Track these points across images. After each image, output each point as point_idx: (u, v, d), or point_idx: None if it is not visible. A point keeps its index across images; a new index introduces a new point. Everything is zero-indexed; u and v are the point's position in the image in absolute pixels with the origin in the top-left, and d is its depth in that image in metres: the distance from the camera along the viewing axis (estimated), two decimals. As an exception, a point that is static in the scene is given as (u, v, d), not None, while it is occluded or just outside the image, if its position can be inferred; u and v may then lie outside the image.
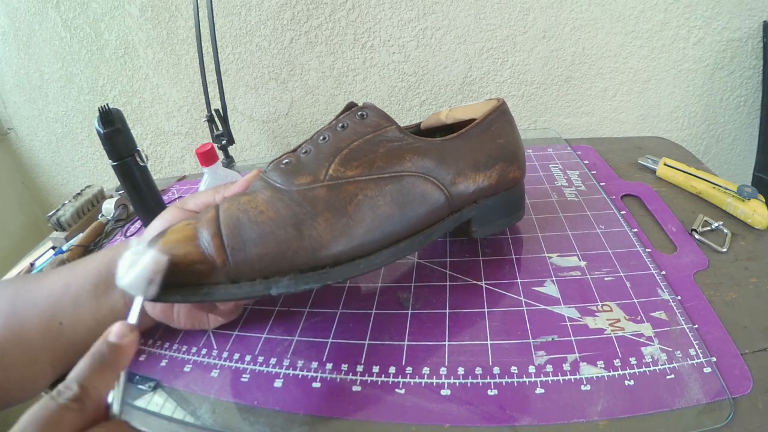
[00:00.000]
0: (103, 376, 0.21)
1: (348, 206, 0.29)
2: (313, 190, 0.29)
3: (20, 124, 0.97)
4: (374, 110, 0.33)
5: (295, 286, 0.27)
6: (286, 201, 0.28)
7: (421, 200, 0.32)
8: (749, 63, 0.70)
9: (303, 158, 0.31)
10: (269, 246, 0.27)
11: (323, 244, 0.28)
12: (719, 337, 0.30)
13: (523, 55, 0.73)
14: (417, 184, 0.32)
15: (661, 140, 0.58)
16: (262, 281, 0.27)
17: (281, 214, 0.28)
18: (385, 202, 0.30)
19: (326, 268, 0.28)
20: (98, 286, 0.33)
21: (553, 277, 0.36)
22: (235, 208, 0.28)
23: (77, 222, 0.60)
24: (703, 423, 0.25)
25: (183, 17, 0.77)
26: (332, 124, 0.32)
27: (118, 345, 0.23)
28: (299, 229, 0.28)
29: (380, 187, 0.30)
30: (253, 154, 0.90)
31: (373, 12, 0.72)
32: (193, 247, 0.27)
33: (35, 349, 0.31)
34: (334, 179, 0.29)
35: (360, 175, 0.30)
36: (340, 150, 0.31)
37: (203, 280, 0.27)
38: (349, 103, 0.34)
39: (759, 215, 0.39)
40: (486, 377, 0.29)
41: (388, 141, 0.32)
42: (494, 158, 0.36)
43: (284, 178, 0.30)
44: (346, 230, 0.29)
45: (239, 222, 0.27)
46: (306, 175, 0.30)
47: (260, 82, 0.81)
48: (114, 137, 0.51)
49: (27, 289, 0.33)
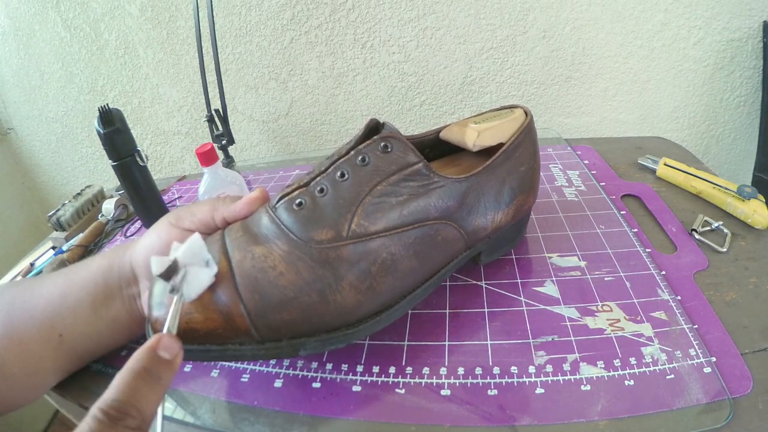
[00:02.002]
0: (155, 395, 0.20)
1: (372, 267, 0.28)
2: (336, 249, 0.27)
3: (20, 124, 0.97)
4: (399, 142, 0.29)
5: (322, 347, 0.28)
6: (307, 262, 0.27)
7: (442, 247, 0.31)
8: (749, 63, 0.70)
9: (320, 201, 0.28)
10: (293, 312, 0.26)
11: (348, 309, 0.27)
12: (719, 337, 0.30)
13: (523, 55, 0.73)
14: (439, 231, 0.30)
15: (661, 140, 0.58)
16: (289, 341, 0.27)
17: (303, 278, 0.27)
18: (408, 256, 0.29)
19: (351, 327, 0.28)
20: (96, 298, 0.32)
21: (553, 277, 0.36)
22: (249, 265, 0.26)
23: (77, 222, 0.60)
24: (703, 423, 0.25)
25: (183, 17, 0.77)
26: (351, 155, 0.29)
27: (169, 362, 0.21)
28: (323, 295, 0.27)
29: (404, 241, 0.29)
30: (253, 154, 0.90)
31: (373, 12, 0.72)
32: (213, 312, 0.25)
33: (36, 359, 0.30)
34: (357, 236, 0.28)
35: (384, 231, 0.28)
36: (361, 196, 0.28)
37: (227, 341, 0.26)
38: (371, 122, 0.31)
39: (759, 215, 0.39)
40: (486, 377, 0.29)
41: (412, 181, 0.29)
42: (515, 191, 0.34)
43: (301, 227, 0.28)
44: (370, 292, 0.28)
45: (258, 285, 0.26)
46: (326, 229, 0.28)
47: (260, 82, 0.81)
48: (114, 137, 0.51)
49: (23, 298, 0.32)
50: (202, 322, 0.25)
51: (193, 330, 0.25)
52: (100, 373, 0.34)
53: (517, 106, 0.38)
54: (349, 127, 0.84)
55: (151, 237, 0.32)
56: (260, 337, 0.26)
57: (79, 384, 0.34)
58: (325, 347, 0.28)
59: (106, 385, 0.20)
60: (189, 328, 0.25)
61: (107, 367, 0.35)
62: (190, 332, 0.25)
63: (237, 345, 0.26)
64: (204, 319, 0.25)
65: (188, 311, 0.25)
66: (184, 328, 0.25)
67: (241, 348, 0.26)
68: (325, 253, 0.27)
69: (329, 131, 0.85)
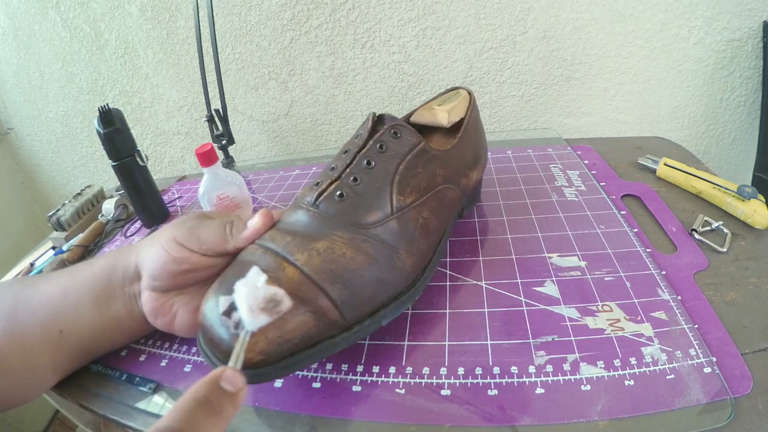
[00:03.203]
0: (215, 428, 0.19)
1: (415, 231, 0.33)
2: (387, 224, 0.31)
3: (20, 124, 0.97)
4: (405, 128, 0.34)
5: (395, 312, 0.31)
6: (370, 241, 0.30)
7: (449, 206, 0.37)
8: (749, 63, 0.70)
9: (358, 189, 0.32)
10: (372, 287, 0.29)
11: (406, 269, 0.31)
12: (719, 337, 0.30)
13: (523, 55, 0.73)
14: (446, 193, 0.37)
15: (661, 140, 0.58)
16: (370, 318, 0.29)
17: (372, 256, 0.30)
18: (433, 217, 0.35)
19: (410, 288, 0.32)
20: (99, 296, 0.32)
21: (553, 277, 0.36)
22: (319, 261, 0.28)
23: (77, 222, 0.60)
24: (704, 423, 0.25)
25: (183, 17, 0.77)
26: (371, 145, 0.33)
27: (232, 395, 0.20)
28: (390, 264, 0.30)
29: (428, 206, 0.34)
30: (253, 154, 0.90)
31: (373, 12, 0.72)
32: (302, 315, 0.26)
33: (36, 355, 0.30)
34: (399, 209, 0.32)
35: (415, 201, 0.33)
36: (391, 176, 0.33)
37: (320, 339, 0.27)
38: (373, 115, 0.35)
39: (759, 215, 0.39)
40: (486, 377, 0.29)
41: (420, 157, 0.34)
42: (477, 154, 0.43)
43: (353, 214, 0.31)
44: (417, 252, 0.33)
45: (336, 274, 0.28)
46: (374, 210, 0.31)
47: (260, 82, 0.81)
48: (114, 137, 0.51)
49: (26, 294, 0.32)
50: (295, 329, 0.26)
51: (287, 341, 0.26)
52: (100, 374, 0.34)
53: (458, 88, 0.47)
54: (349, 127, 0.84)
55: (157, 249, 0.31)
56: (347, 322, 0.28)
57: (79, 384, 0.34)
58: (398, 311, 0.31)
59: (106, 386, 0.19)
60: (282, 341, 0.25)
61: (107, 368, 0.35)
62: (284, 344, 0.26)
63: (329, 339, 0.27)
64: (296, 326, 0.26)
65: (278, 324, 0.25)
66: (277, 341, 0.25)
67: (334, 339, 0.28)
68: (381, 229, 0.31)
69: (329, 131, 0.85)
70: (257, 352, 0.25)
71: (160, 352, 0.35)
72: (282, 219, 0.32)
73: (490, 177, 0.52)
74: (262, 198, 0.58)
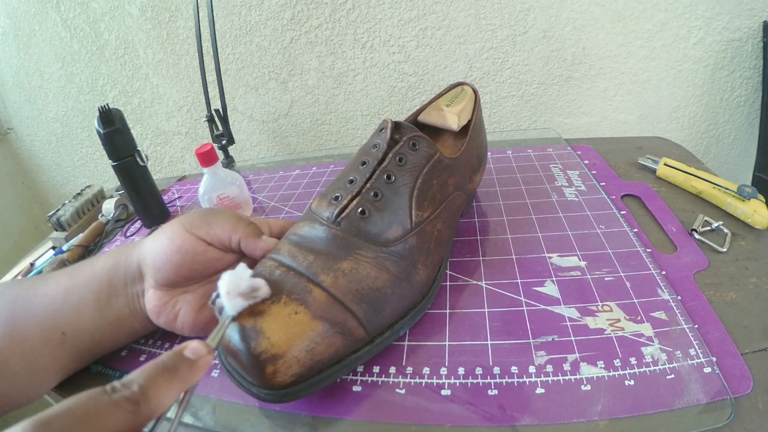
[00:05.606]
0: (168, 387, 0.20)
1: (431, 245, 0.33)
2: (407, 240, 0.32)
3: (20, 124, 0.97)
4: (423, 139, 0.34)
5: (412, 322, 0.32)
6: (393, 259, 0.31)
7: (456, 212, 0.38)
8: (749, 63, 0.70)
9: (379, 205, 0.32)
10: (394, 303, 0.30)
11: (423, 281, 0.33)
12: (719, 337, 0.30)
13: (523, 55, 0.73)
14: (455, 202, 0.37)
15: (661, 140, 0.58)
16: (390, 330, 0.31)
17: (394, 273, 0.31)
18: (445, 227, 0.35)
19: (424, 297, 0.33)
20: (100, 296, 0.32)
21: (553, 277, 0.36)
22: (345, 282, 0.29)
23: (77, 222, 0.60)
24: (704, 423, 0.25)
25: (183, 17, 0.77)
26: (390, 158, 0.33)
27: (192, 361, 0.22)
28: (409, 279, 0.31)
29: (442, 218, 0.35)
30: (253, 154, 0.90)
31: (373, 12, 0.72)
32: (332, 337, 0.27)
33: (38, 358, 0.30)
34: (418, 225, 0.33)
35: (431, 214, 0.34)
36: (410, 190, 0.33)
37: (343, 356, 0.28)
38: (387, 122, 0.35)
39: (759, 215, 0.39)
40: (486, 377, 0.29)
41: (436, 168, 0.35)
42: (481, 156, 0.43)
43: (376, 232, 0.31)
44: (432, 263, 0.34)
45: (362, 294, 0.29)
46: (395, 227, 0.32)
47: (260, 82, 0.81)
48: (114, 137, 0.51)
49: (25, 297, 0.32)
50: (325, 350, 0.27)
51: (318, 362, 0.27)
52: (100, 374, 0.34)
53: (463, 84, 0.46)
54: (348, 127, 0.84)
55: (161, 239, 0.32)
56: (369, 337, 0.29)
57: (79, 384, 0.34)
58: (414, 321, 0.32)
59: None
60: (314, 363, 0.26)
61: (107, 368, 0.35)
62: (315, 366, 0.27)
63: (353, 354, 0.28)
64: (326, 347, 0.27)
65: (309, 347, 0.26)
66: (309, 364, 0.26)
67: (358, 354, 0.29)
68: (401, 246, 0.32)
69: (329, 131, 0.85)
70: (290, 375, 0.26)
71: (161, 352, 0.35)
72: (296, 231, 0.32)
73: (490, 177, 0.52)
74: (262, 198, 0.58)
